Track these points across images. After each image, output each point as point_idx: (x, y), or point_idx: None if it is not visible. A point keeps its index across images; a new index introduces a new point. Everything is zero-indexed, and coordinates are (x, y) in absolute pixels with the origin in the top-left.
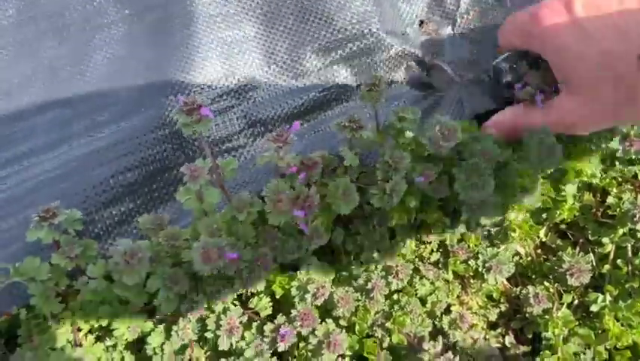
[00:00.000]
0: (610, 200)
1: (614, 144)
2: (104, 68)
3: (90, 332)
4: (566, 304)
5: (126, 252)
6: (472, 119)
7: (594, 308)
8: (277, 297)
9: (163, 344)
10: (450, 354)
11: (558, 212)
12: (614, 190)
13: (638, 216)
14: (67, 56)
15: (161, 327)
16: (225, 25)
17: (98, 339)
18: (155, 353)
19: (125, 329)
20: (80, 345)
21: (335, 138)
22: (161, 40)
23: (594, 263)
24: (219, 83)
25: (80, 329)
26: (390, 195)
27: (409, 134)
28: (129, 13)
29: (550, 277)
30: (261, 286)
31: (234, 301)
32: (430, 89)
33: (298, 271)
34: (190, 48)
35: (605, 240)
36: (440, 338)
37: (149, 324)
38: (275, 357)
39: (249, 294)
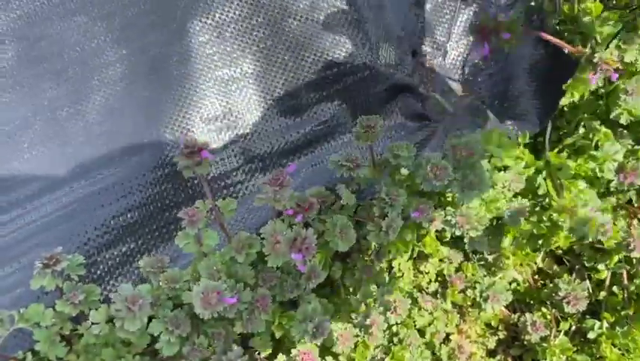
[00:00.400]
0: None
1: (609, 174)
2: (103, 109)
3: None
4: (563, 331)
5: (127, 298)
6: None
7: (591, 335)
8: (277, 336)
9: None
10: None
11: (554, 239)
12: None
13: (632, 244)
14: (66, 96)
15: None
16: (222, 63)
17: None
18: None
19: None
20: None
21: (331, 172)
22: (159, 80)
23: (590, 290)
24: (217, 121)
25: None
26: (386, 232)
27: (404, 171)
28: (127, 53)
29: (548, 303)
30: (260, 328)
31: (235, 341)
32: (425, 120)
33: (297, 310)
34: (187, 87)
35: (601, 266)
36: None
37: None
38: None
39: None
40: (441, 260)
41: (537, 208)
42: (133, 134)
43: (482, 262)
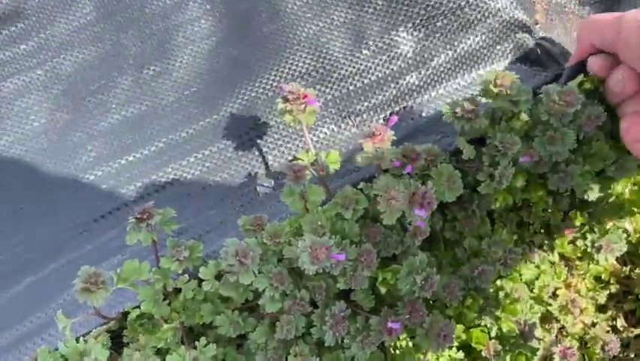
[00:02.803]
0: None
1: None
2: (190, 67)
3: (191, 330)
4: None
5: (238, 252)
6: None
7: None
8: (381, 292)
9: (267, 340)
10: (566, 342)
11: None
12: None
13: None
14: (151, 54)
15: (264, 323)
16: (312, 14)
17: (200, 336)
18: (261, 350)
19: (228, 326)
20: (185, 343)
21: (434, 124)
22: (248, 37)
23: None
24: (309, 76)
25: (183, 328)
26: (499, 180)
27: (523, 116)
28: (210, 8)
29: None
30: (364, 284)
31: (336, 295)
32: (540, 66)
33: (400, 264)
34: (278, 43)
35: None
36: (548, 325)
37: (252, 321)
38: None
39: None
40: (544, 210)
41: None
42: (224, 94)
43: (591, 210)
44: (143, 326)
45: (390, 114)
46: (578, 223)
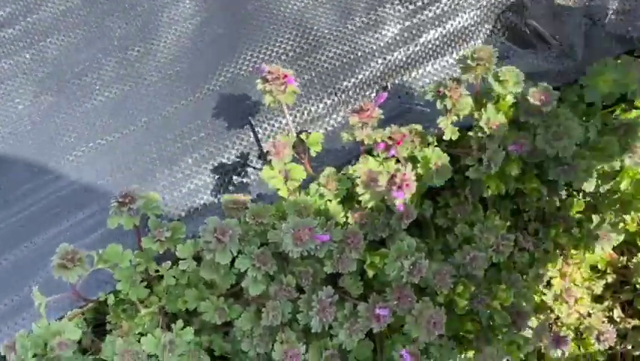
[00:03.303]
0: None
1: None
2: (175, 47)
3: (175, 316)
4: None
5: (216, 229)
6: None
7: None
8: (370, 275)
9: (252, 327)
10: (558, 330)
11: None
12: None
13: None
14: (136, 35)
15: (250, 310)
16: None
17: (186, 323)
18: (247, 337)
19: (213, 313)
20: (169, 329)
21: (422, 105)
22: (231, 15)
23: None
24: (294, 52)
25: (167, 314)
26: (488, 164)
27: (509, 98)
28: None
29: None
30: (352, 267)
31: (323, 280)
32: (530, 47)
33: (389, 248)
34: (262, 20)
35: None
36: (542, 314)
37: (237, 307)
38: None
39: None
40: (539, 199)
41: None
42: (207, 72)
43: (588, 199)
44: (125, 311)
45: (378, 91)
46: (574, 212)
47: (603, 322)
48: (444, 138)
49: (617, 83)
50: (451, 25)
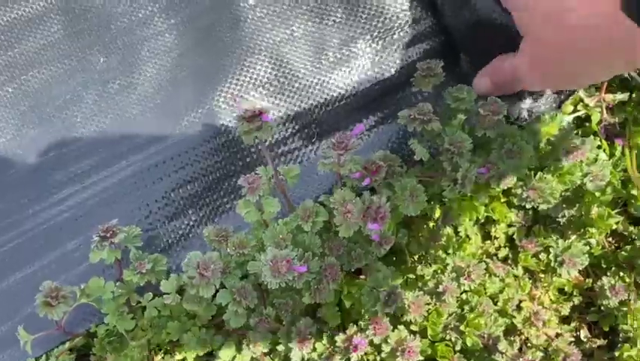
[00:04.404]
0: None
1: None
2: (155, 80)
3: (159, 347)
4: None
5: (199, 264)
6: None
7: None
8: (347, 306)
9: (234, 357)
10: (528, 354)
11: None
12: None
13: None
14: (116, 68)
15: (231, 341)
16: (272, 25)
17: (167, 354)
18: None
19: (195, 344)
20: None
21: (393, 134)
22: (210, 48)
23: None
24: (270, 85)
25: (149, 345)
26: (462, 183)
27: (460, 116)
28: (175, 22)
29: (625, 266)
30: (329, 297)
31: (302, 312)
32: None
33: (365, 278)
34: (239, 52)
35: None
36: (517, 337)
37: (219, 338)
38: None
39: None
40: (509, 225)
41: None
42: (186, 104)
43: (554, 225)
44: (111, 343)
45: (354, 124)
46: (541, 238)
47: (571, 343)
48: (415, 158)
49: None
50: (418, 57)
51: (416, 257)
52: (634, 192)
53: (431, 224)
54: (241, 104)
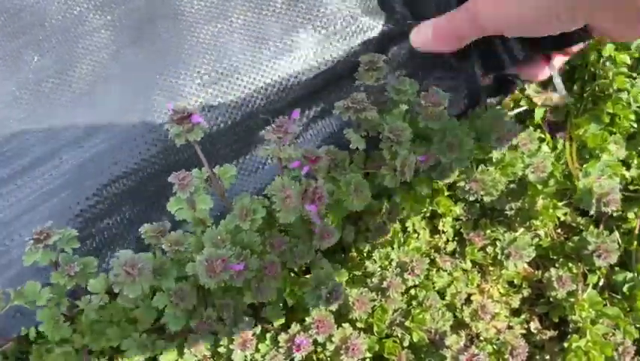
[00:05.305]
0: (633, 172)
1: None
2: (90, 77)
3: (102, 353)
4: (591, 284)
5: (126, 262)
6: None
7: (625, 289)
8: (290, 304)
9: None
10: (474, 348)
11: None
12: (635, 162)
13: None
14: (51, 67)
15: (173, 344)
16: (210, 17)
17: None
18: None
19: (137, 349)
20: None
21: (338, 125)
22: (146, 44)
23: (619, 240)
24: (209, 78)
25: (90, 352)
26: (402, 171)
27: (403, 107)
28: (111, 18)
29: (573, 257)
30: (272, 296)
31: (246, 312)
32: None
33: (309, 276)
34: (176, 46)
35: (630, 215)
36: (463, 331)
37: (161, 342)
38: None
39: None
40: (456, 219)
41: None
42: (122, 101)
43: (501, 218)
44: (49, 351)
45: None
46: (488, 231)
47: (520, 335)
48: (350, 147)
49: None
50: (359, 49)
51: (365, 254)
52: None
53: (378, 219)
54: (172, 106)
